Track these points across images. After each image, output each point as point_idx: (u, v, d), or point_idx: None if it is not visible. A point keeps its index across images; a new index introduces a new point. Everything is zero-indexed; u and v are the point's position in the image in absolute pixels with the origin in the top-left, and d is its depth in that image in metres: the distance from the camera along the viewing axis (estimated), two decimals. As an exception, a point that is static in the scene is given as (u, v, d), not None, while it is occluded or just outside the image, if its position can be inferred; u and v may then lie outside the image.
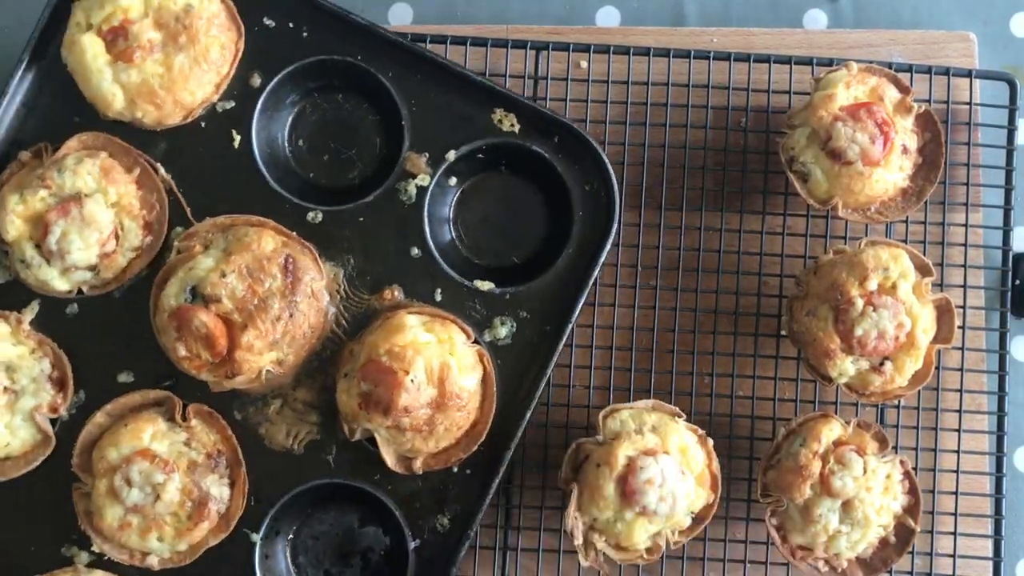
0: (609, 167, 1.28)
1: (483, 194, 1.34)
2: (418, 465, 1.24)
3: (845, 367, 1.26)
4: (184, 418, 1.25)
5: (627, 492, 1.22)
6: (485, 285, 1.28)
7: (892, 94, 1.31)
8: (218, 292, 1.20)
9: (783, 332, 1.33)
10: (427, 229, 1.28)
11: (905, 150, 1.30)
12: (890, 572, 1.31)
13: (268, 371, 1.24)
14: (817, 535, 1.26)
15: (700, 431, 1.28)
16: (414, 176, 1.29)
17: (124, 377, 1.27)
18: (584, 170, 1.30)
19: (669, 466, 1.22)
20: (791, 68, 1.38)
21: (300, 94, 1.33)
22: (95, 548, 1.24)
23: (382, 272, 1.28)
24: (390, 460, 1.24)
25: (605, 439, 1.25)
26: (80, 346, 1.27)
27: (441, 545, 1.26)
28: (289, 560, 1.30)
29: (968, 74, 1.38)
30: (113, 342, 1.28)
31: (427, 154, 1.29)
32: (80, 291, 1.27)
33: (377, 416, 1.21)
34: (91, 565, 1.25)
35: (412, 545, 1.26)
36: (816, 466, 1.24)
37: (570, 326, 1.27)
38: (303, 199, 1.29)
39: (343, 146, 1.33)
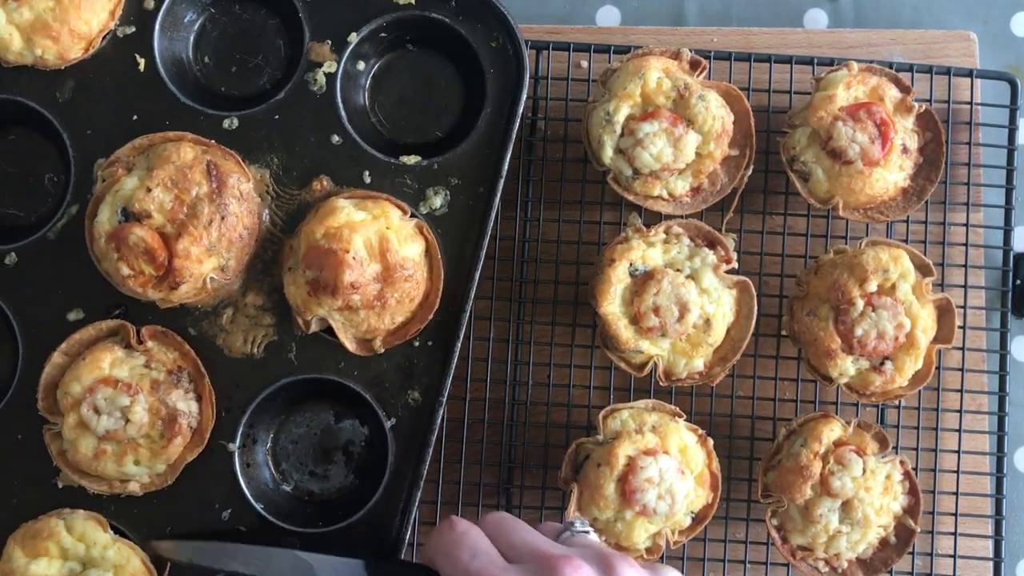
0: (510, 18, 1.28)
1: (395, 74, 1.34)
2: (378, 344, 1.25)
3: (845, 367, 1.26)
4: (140, 341, 1.25)
5: (627, 491, 1.21)
6: (412, 159, 1.29)
7: (893, 94, 1.31)
8: (147, 207, 1.22)
9: (783, 332, 1.33)
10: (343, 115, 1.29)
11: (905, 150, 1.30)
12: (890, 572, 1.31)
13: (212, 278, 1.24)
14: (817, 535, 1.26)
15: (700, 431, 1.28)
16: (320, 64, 1.29)
17: (74, 315, 1.28)
18: (487, 28, 1.29)
19: (669, 466, 1.22)
20: (791, 68, 1.38)
21: (197, 11, 1.33)
22: (68, 482, 1.24)
23: (307, 165, 1.29)
24: (350, 344, 1.25)
25: (605, 439, 1.25)
26: (25, 293, 1.28)
27: (416, 419, 1.26)
28: (272, 467, 1.31)
29: (969, 74, 1.38)
30: (57, 283, 1.28)
31: (329, 41, 1.30)
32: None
33: (327, 299, 1.21)
34: (72, 507, 1.25)
35: (388, 424, 1.26)
36: (817, 466, 1.24)
37: (501, 182, 1.27)
38: (216, 110, 1.30)
39: (248, 54, 1.34)
